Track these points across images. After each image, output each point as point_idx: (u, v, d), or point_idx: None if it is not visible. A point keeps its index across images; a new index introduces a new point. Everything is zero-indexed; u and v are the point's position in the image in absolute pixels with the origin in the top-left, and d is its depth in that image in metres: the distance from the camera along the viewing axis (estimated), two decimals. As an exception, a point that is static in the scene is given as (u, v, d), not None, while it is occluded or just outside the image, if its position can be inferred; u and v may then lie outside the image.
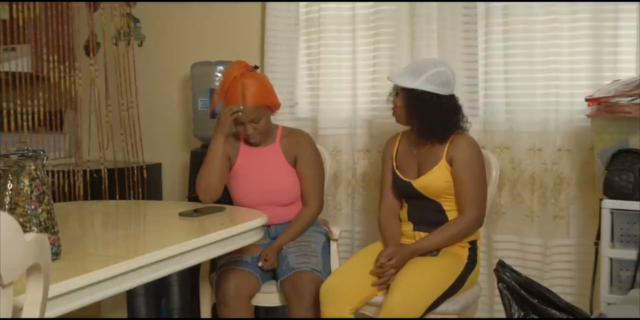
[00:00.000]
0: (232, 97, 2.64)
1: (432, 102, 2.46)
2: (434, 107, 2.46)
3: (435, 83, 2.45)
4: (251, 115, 2.63)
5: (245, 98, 2.62)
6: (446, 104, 2.49)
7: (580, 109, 2.77)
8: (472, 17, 3.05)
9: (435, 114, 2.47)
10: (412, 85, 2.46)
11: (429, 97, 2.46)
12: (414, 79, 2.46)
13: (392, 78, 2.56)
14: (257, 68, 2.75)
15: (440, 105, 2.47)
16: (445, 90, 2.48)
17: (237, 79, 2.64)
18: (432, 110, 2.47)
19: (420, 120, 2.50)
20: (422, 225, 2.56)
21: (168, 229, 2.24)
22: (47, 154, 1.63)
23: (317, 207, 2.76)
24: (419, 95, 2.47)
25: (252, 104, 2.63)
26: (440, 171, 2.50)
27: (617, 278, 2.40)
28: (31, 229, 1.57)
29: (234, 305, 2.53)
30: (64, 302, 1.49)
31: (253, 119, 2.65)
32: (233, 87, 2.63)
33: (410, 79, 2.48)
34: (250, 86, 2.63)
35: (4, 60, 3.54)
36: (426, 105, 2.46)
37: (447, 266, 2.45)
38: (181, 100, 3.77)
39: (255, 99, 2.63)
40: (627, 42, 2.79)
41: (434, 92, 2.46)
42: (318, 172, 2.78)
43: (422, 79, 2.45)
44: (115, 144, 3.62)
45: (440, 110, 2.48)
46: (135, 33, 3.77)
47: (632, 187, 2.37)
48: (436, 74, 2.46)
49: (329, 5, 3.30)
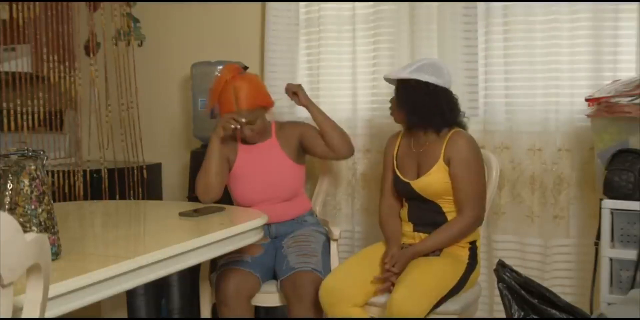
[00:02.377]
0: (226, 102, 2.64)
1: (420, 89, 2.49)
2: (423, 94, 2.49)
3: (425, 72, 2.49)
4: (247, 118, 2.64)
5: (239, 102, 2.63)
6: (438, 94, 2.50)
7: (580, 109, 2.77)
8: (472, 17, 3.05)
9: (425, 101, 2.49)
10: (401, 75, 2.52)
11: (418, 84, 2.49)
12: (404, 70, 2.54)
13: (385, 75, 2.62)
14: (246, 68, 2.76)
15: (430, 93, 2.49)
16: (436, 80, 2.49)
17: (229, 82, 2.64)
18: (422, 97, 2.49)
19: (410, 108, 2.52)
20: (421, 225, 2.56)
21: (168, 229, 2.24)
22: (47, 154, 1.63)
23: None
24: (407, 83, 2.51)
25: (246, 107, 2.63)
26: (439, 172, 2.50)
27: (617, 278, 2.40)
28: (31, 229, 1.57)
29: (234, 305, 2.53)
30: (64, 302, 1.49)
31: (249, 121, 2.65)
32: (225, 92, 2.64)
33: (401, 71, 2.55)
34: (242, 90, 2.63)
35: (4, 60, 3.54)
36: (415, 92, 2.49)
37: (449, 267, 2.45)
38: (181, 100, 3.77)
39: (248, 102, 2.64)
40: (627, 42, 2.79)
41: (423, 80, 2.48)
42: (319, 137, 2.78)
43: (412, 68, 2.51)
44: (115, 144, 3.62)
45: (430, 98, 2.49)
46: (135, 33, 3.77)
47: (632, 187, 2.37)
48: (426, 65, 2.52)
49: (329, 5, 3.30)
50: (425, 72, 2.49)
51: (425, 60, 2.56)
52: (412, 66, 2.53)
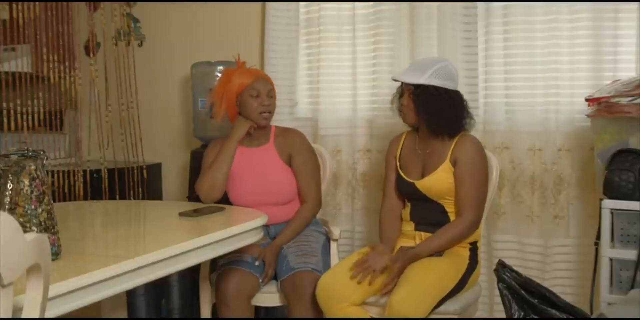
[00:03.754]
0: (246, 73, 2.69)
1: (440, 96, 2.46)
2: (443, 101, 2.46)
3: (441, 77, 2.46)
4: (267, 87, 2.69)
5: (259, 72, 2.75)
6: (454, 98, 2.50)
7: (580, 109, 2.77)
8: (472, 17, 3.05)
9: (444, 108, 2.47)
10: (419, 80, 2.47)
11: (437, 91, 2.46)
12: (420, 75, 2.47)
13: (398, 77, 2.56)
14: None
15: (449, 99, 2.48)
16: (451, 84, 2.49)
17: (241, 66, 2.73)
18: (442, 104, 2.46)
19: (430, 115, 2.49)
20: (423, 225, 2.55)
21: (168, 229, 2.24)
22: (47, 154, 1.63)
23: (315, 204, 2.75)
24: (426, 90, 2.47)
25: (267, 78, 2.73)
26: (444, 172, 2.50)
27: (617, 278, 2.40)
28: (31, 229, 1.57)
29: (234, 305, 2.53)
30: (64, 302, 1.49)
31: (269, 91, 2.69)
32: (240, 70, 2.71)
33: (416, 76, 2.48)
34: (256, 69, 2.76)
35: (4, 60, 3.54)
36: (435, 99, 2.46)
37: (450, 267, 2.45)
38: (181, 100, 3.77)
39: (268, 77, 2.76)
40: (627, 42, 2.79)
41: (441, 86, 2.46)
42: (314, 170, 2.78)
43: (428, 74, 2.46)
44: (115, 144, 3.62)
45: (449, 104, 2.48)
46: (135, 33, 3.77)
47: (632, 187, 2.37)
48: (441, 69, 2.47)
49: (329, 5, 3.30)
50: (442, 78, 2.46)
51: (438, 64, 2.49)
52: (427, 70, 2.47)
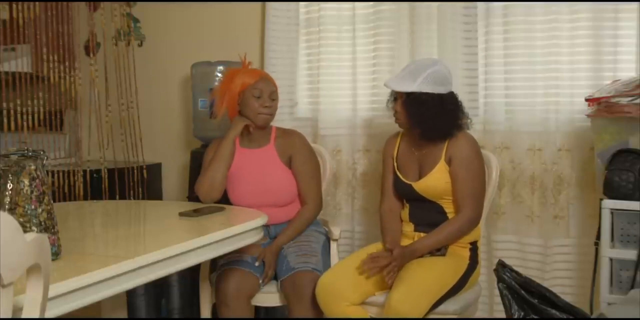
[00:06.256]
0: (250, 72, 2.71)
1: (432, 102, 2.45)
2: (435, 106, 2.45)
3: (432, 83, 2.45)
4: (270, 89, 2.69)
5: (263, 73, 2.76)
6: (447, 102, 2.49)
7: (580, 109, 2.77)
8: (472, 17, 3.05)
9: (437, 114, 2.46)
10: (410, 88, 2.45)
11: (429, 97, 2.45)
12: (411, 82, 2.45)
13: (389, 84, 2.53)
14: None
15: (441, 104, 2.47)
16: (443, 88, 2.47)
17: (246, 66, 2.75)
18: (434, 110, 2.45)
19: (423, 122, 2.48)
20: (423, 226, 2.55)
21: (168, 229, 2.24)
22: (47, 154, 1.63)
23: (316, 205, 2.75)
24: (418, 97, 2.45)
25: (271, 80, 2.73)
26: (440, 173, 2.50)
27: (617, 278, 2.40)
28: (31, 229, 1.57)
29: (234, 305, 2.53)
30: (64, 302, 1.49)
31: (271, 93, 2.68)
32: (244, 70, 2.72)
33: (407, 83, 2.46)
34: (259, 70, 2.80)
35: (4, 60, 3.54)
36: (427, 106, 2.45)
37: (450, 266, 2.45)
38: (181, 100, 3.77)
39: (272, 78, 2.76)
40: (627, 42, 2.79)
41: (433, 92, 2.45)
42: (314, 171, 2.78)
43: (419, 81, 2.44)
44: (115, 144, 3.62)
45: (442, 110, 2.47)
46: (135, 33, 3.77)
47: (632, 187, 2.37)
48: (432, 74, 2.45)
49: (329, 5, 3.30)
50: (434, 83, 2.44)
51: (429, 69, 2.46)
52: (417, 77, 2.44)
